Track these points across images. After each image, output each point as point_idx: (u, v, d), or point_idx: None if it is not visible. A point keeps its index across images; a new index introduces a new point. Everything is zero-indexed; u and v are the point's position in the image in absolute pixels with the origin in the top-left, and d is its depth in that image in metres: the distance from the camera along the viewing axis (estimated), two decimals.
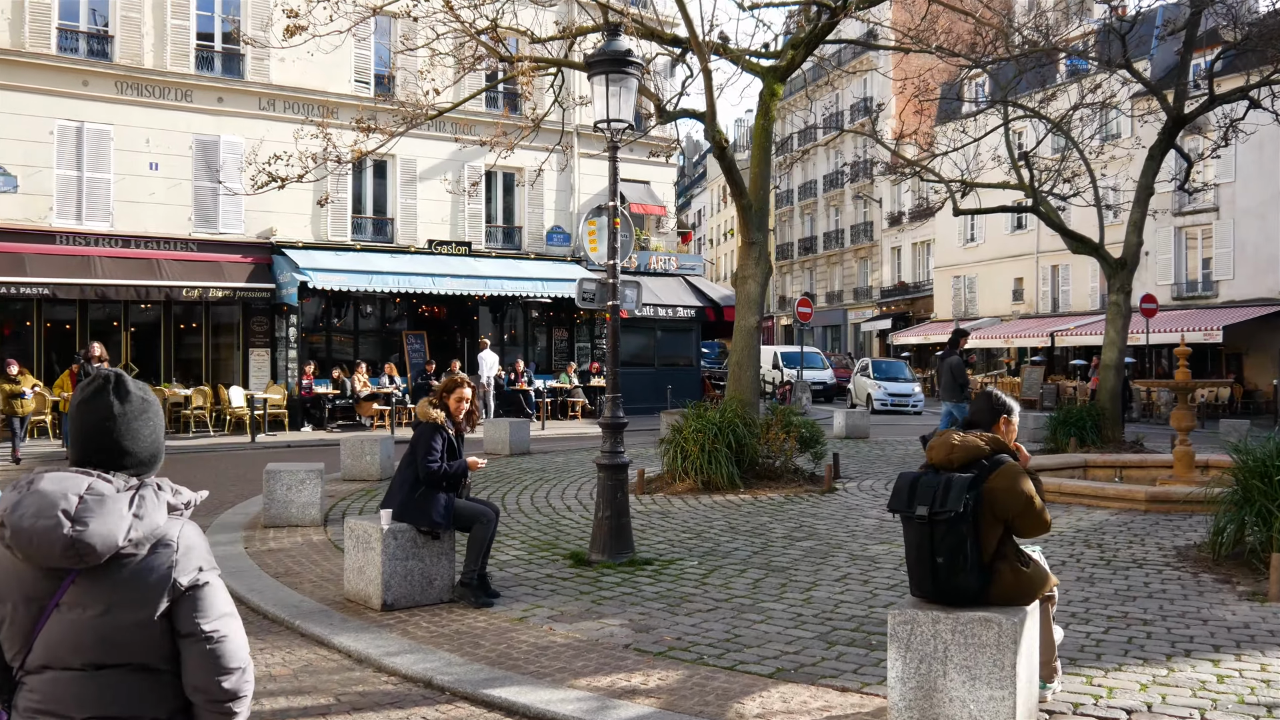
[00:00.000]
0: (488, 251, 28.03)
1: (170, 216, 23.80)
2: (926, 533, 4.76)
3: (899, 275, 55.55)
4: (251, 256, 24.63)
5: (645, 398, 27.73)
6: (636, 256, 30.24)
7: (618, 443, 8.84)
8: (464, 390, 7.56)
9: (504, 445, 17.89)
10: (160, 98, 23.87)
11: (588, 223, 8.98)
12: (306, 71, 25.18)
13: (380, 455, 14.45)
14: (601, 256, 8.94)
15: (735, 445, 13.07)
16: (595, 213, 8.99)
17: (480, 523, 7.41)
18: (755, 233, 14.19)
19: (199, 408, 22.93)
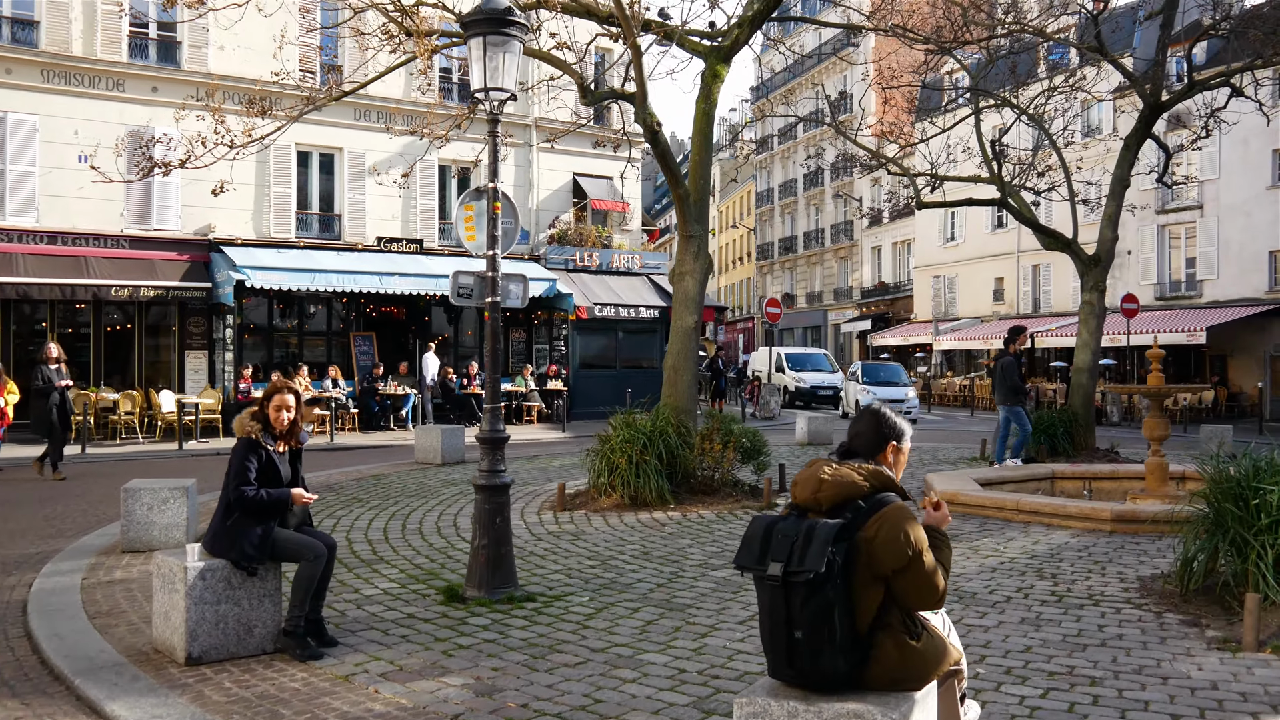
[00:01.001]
0: (440, 249, 26.84)
1: (101, 212, 22.57)
2: (781, 598, 3.62)
3: (879, 275, 54.51)
4: (188, 254, 23.42)
5: (606, 401, 26.52)
6: (598, 255, 29.11)
7: (497, 460, 7.68)
8: (283, 397, 6.38)
9: (435, 454, 16.71)
10: (90, 87, 22.66)
11: (463, 207, 7.82)
12: (248, 60, 23.95)
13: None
14: (480, 246, 7.79)
15: (667, 457, 11.93)
16: (472, 195, 7.85)
17: (307, 559, 6.25)
18: (694, 225, 13.05)
19: (128, 413, 21.70)
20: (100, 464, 17.91)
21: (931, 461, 17.03)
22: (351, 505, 11.97)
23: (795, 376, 35.65)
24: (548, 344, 28.74)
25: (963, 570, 8.32)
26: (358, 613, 7.16)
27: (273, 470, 6.27)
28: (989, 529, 10.19)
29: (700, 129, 13.33)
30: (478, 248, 7.87)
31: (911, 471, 15.21)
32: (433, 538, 10.04)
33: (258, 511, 6.17)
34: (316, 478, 14.85)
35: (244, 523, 6.18)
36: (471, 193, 7.98)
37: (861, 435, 4.03)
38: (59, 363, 15.98)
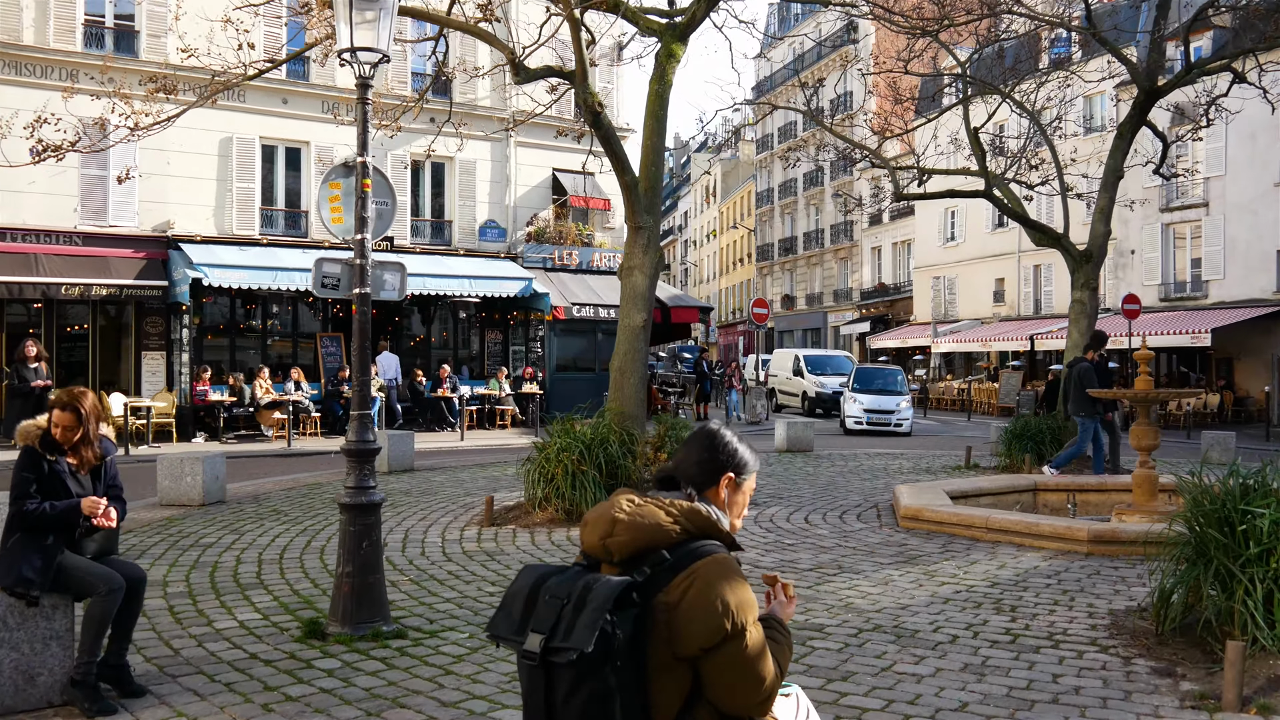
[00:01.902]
0: (412, 247, 25.85)
1: (53, 208, 21.64)
2: (541, 683, 2.59)
3: (879, 276, 53.42)
4: (145, 251, 22.48)
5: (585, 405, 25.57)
6: (578, 253, 28.10)
7: (364, 475, 6.66)
8: (62, 414, 5.34)
9: (381, 462, 15.70)
10: (42, 77, 21.73)
11: (328, 185, 6.79)
12: (208, 50, 22.98)
13: (205, 476, 12.22)
14: (347, 230, 6.78)
15: (609, 467, 10.92)
16: (339, 172, 6.83)
17: (99, 594, 5.24)
18: (643, 215, 12.04)
19: None
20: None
21: (912, 470, 15.98)
22: (265, 519, 10.97)
23: (816, 381, 32.73)
24: (524, 345, 27.73)
25: (910, 601, 7.28)
26: (195, 651, 6.16)
27: (57, 484, 5.26)
28: (952, 550, 9.14)
29: (652, 112, 12.31)
30: (344, 231, 6.87)
31: (885, 481, 14.20)
32: (331, 558, 9.01)
33: (41, 528, 5.18)
34: (246, 487, 13.89)
35: (25, 543, 5.18)
36: (338, 169, 6.97)
37: (689, 461, 2.99)
38: (39, 361, 15.16)
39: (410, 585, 7.91)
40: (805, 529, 10.35)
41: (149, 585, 7.76)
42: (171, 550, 9.20)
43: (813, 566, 8.50)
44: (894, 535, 9.91)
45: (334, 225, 6.93)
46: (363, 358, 6.65)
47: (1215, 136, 31.59)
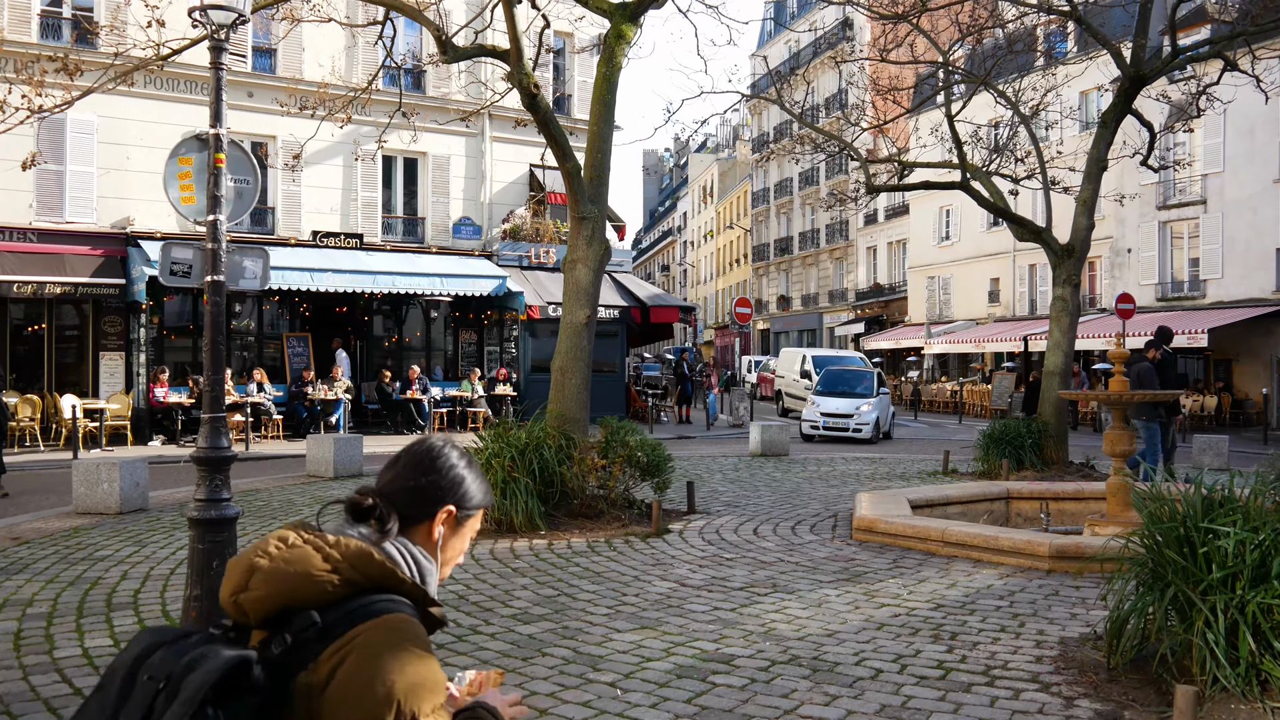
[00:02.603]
0: (383, 245, 25.12)
1: (7, 203, 20.91)
2: None
3: (874, 276, 52.63)
4: (102, 248, 21.76)
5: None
6: (555, 251, 27.34)
7: (216, 486, 5.93)
8: None
9: (327, 466, 14.98)
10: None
11: (177, 161, 6.05)
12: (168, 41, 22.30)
13: (123, 482, 11.48)
14: (199, 211, 6.03)
15: (545, 474, 10.18)
16: (192, 146, 6.08)
17: None
18: (586, 205, 11.30)
19: (29, 419, 20.03)
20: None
21: (887, 476, 15.22)
22: (178, 530, 10.20)
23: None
24: (499, 346, 26.99)
25: (840, 627, 6.52)
26: (14, 685, 5.42)
27: None
28: (902, 566, 8.38)
29: (600, 96, 11.57)
30: (195, 213, 6.13)
31: (854, 488, 13.45)
32: None
33: None
34: (177, 494, 13.16)
35: None
36: (190, 142, 6.22)
37: (397, 485, 2.20)
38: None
39: None
40: (751, 541, 9.59)
41: (7, 606, 7.07)
42: (58, 564, 8.47)
43: (745, 584, 7.74)
44: (844, 549, 9.15)
45: (184, 206, 6.19)
46: (215, 355, 5.91)
47: (1213, 132, 30.79)
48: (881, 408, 25.00)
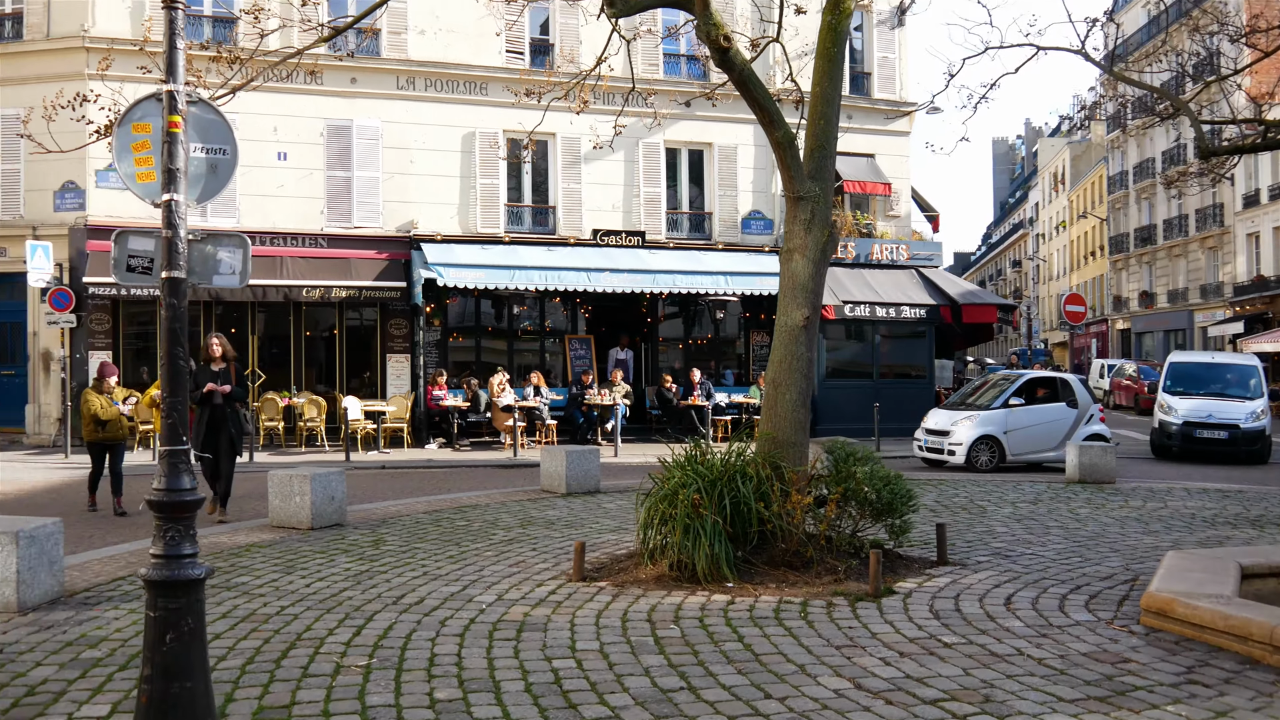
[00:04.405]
0: (666, 242, 23.91)
1: (300, 210, 21.63)
2: None
3: (1257, 268, 45.47)
4: (387, 253, 22.02)
5: (858, 416, 22.59)
6: (855, 245, 24.99)
7: (175, 539, 4.52)
8: None
9: (559, 481, 13.75)
10: (288, 82, 21.68)
11: (132, 128, 4.69)
12: (450, 44, 22.34)
13: (314, 495, 10.73)
14: (154, 191, 4.66)
15: (738, 511, 8.26)
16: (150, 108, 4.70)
17: None
18: (805, 182, 9.22)
19: (311, 420, 20.49)
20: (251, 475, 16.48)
21: (1237, 520, 11.89)
22: (335, 555, 9.21)
23: (1173, 402, 21.24)
24: None
25: None
26: None
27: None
28: (1200, 682, 5.71)
29: (825, 50, 9.43)
30: (153, 192, 4.76)
31: (1178, 535, 10.43)
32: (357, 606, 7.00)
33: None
34: (388, 507, 12.37)
35: None
36: (146, 103, 4.84)
37: None
38: (226, 361, 12.10)
39: (356, 673, 5.76)
40: (993, 617, 7.17)
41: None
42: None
43: (942, 695, 5.46)
44: (1118, 642, 6.54)
45: (140, 184, 4.86)
46: (174, 370, 4.53)
47: None
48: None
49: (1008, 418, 18.36)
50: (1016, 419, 18.38)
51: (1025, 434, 18.37)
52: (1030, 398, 18.87)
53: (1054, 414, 18.60)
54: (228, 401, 11.76)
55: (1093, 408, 18.72)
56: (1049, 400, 18.86)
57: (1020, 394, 18.80)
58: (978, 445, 18.05)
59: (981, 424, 18.25)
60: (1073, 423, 18.47)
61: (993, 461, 18.14)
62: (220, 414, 11.74)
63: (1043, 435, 18.37)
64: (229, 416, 11.78)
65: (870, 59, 25.79)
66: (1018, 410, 18.45)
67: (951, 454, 18.18)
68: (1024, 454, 18.31)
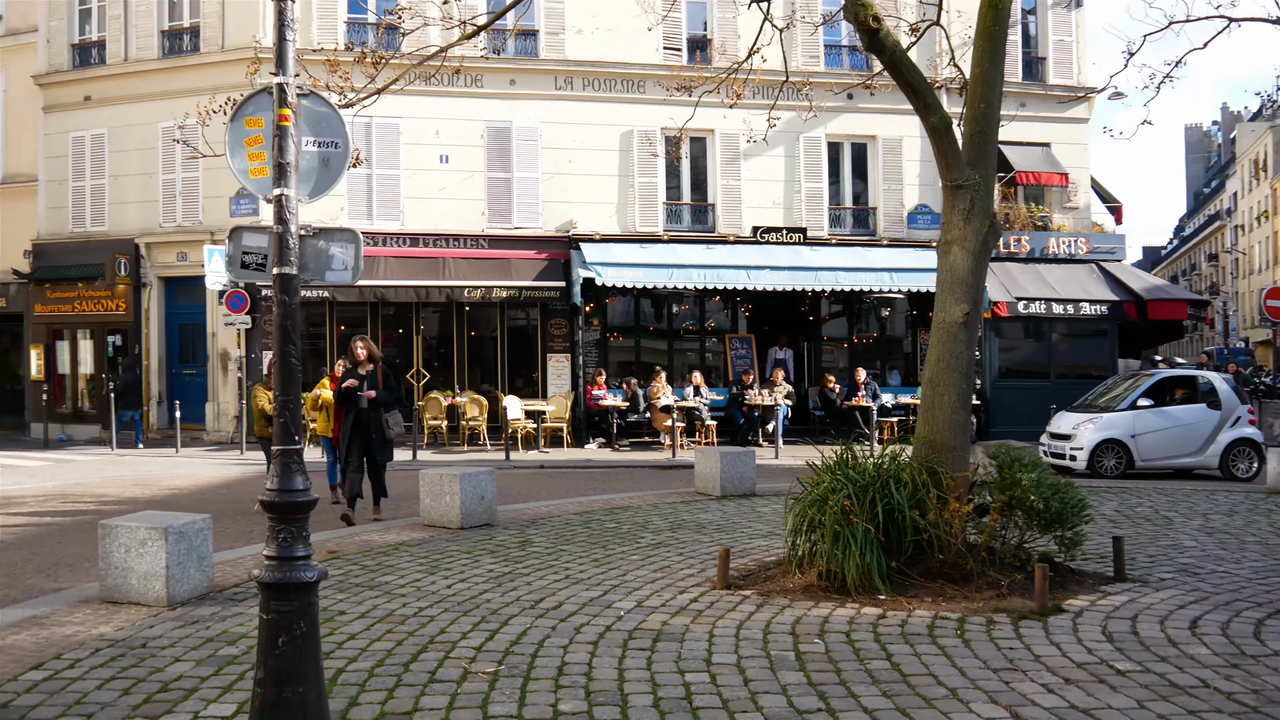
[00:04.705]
0: (828, 239, 23.28)
1: (462, 212, 22.02)
2: None
3: None
4: (547, 253, 22.17)
5: (1034, 418, 21.45)
6: (1029, 239, 23.79)
7: (289, 541, 4.44)
8: None
9: (713, 483, 13.45)
10: (449, 85, 22.10)
11: (244, 123, 4.56)
12: (607, 43, 22.33)
13: (463, 495, 10.75)
14: (266, 186, 4.54)
15: (891, 518, 7.80)
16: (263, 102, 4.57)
17: None
18: (963, 170, 8.62)
19: (473, 419, 20.81)
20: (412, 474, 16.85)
21: None
22: (481, 555, 9.17)
23: None
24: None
25: None
26: None
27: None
28: None
29: (985, 29, 8.81)
30: (263, 188, 4.65)
31: None
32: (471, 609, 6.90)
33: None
34: (539, 507, 12.34)
35: None
36: (260, 98, 4.71)
37: None
38: (373, 362, 11.76)
39: (483, 680, 5.61)
40: (1177, 641, 6.47)
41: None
42: (327, 590, 7.66)
43: None
44: None
45: (253, 180, 4.79)
46: (286, 368, 4.45)
47: None
48: None
49: (1135, 420, 16.90)
50: (1146, 422, 16.89)
51: (1156, 438, 16.87)
52: (1163, 399, 17.41)
53: (1191, 416, 17.03)
54: (373, 405, 11.56)
55: (1239, 409, 17.14)
56: (1187, 401, 17.37)
57: (1151, 394, 17.28)
58: (1101, 450, 16.77)
59: (1105, 427, 16.90)
60: (1215, 426, 16.91)
61: (1119, 468, 16.73)
62: (365, 417, 11.56)
63: (1178, 439, 16.89)
64: (373, 419, 11.59)
65: (1045, 43, 24.51)
66: (1147, 413, 16.95)
67: (1073, 459, 16.90)
68: (1156, 459, 16.89)
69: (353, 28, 21.45)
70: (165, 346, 22.33)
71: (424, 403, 21.14)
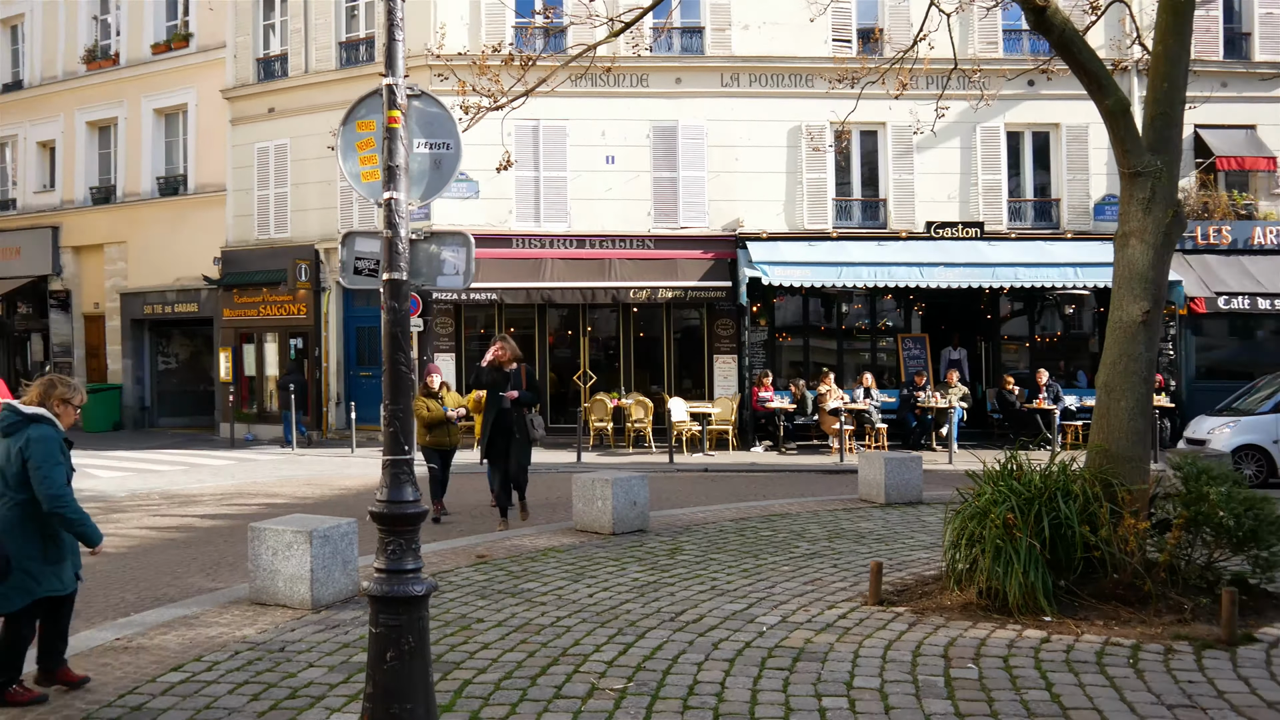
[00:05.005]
0: (1007, 233, 22.20)
1: (628, 212, 22.02)
2: None
3: None
4: (713, 252, 21.94)
5: None
6: (1230, 229, 22.07)
7: (399, 554, 4.36)
8: None
9: (877, 490, 12.94)
10: (615, 86, 22.17)
11: (356, 126, 4.44)
12: (774, 37, 21.95)
13: (615, 500, 10.65)
14: (376, 191, 4.43)
15: (1058, 533, 7.25)
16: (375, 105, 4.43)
17: None
18: (1142, 155, 7.92)
19: (638, 421, 20.77)
20: (563, 477, 16.94)
21: None
22: (629, 563, 9.04)
23: None
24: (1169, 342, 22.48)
25: None
26: None
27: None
28: None
29: (1168, 3, 8.10)
30: (374, 192, 4.55)
31: None
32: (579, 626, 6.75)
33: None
34: (695, 513, 12.14)
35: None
36: (372, 100, 4.60)
37: None
38: (517, 362, 11.13)
39: (609, 697, 5.45)
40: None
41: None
42: (466, 597, 7.68)
43: None
44: None
45: (365, 184, 4.72)
46: (396, 376, 4.37)
47: None
48: None
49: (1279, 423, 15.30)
50: None
51: None
52: None
53: None
54: (516, 406, 11.07)
55: None
56: None
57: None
58: (1238, 456, 15.21)
59: (1242, 431, 15.40)
60: None
61: (1260, 476, 15.12)
62: (507, 419, 11.06)
63: None
64: (516, 421, 11.12)
65: (1249, 16, 22.68)
66: None
67: None
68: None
69: (519, 33, 21.75)
70: (344, 349, 23.19)
71: (589, 405, 21.25)
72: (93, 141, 27.14)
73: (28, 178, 28.08)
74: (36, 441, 5.29)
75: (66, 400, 5.60)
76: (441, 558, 9.25)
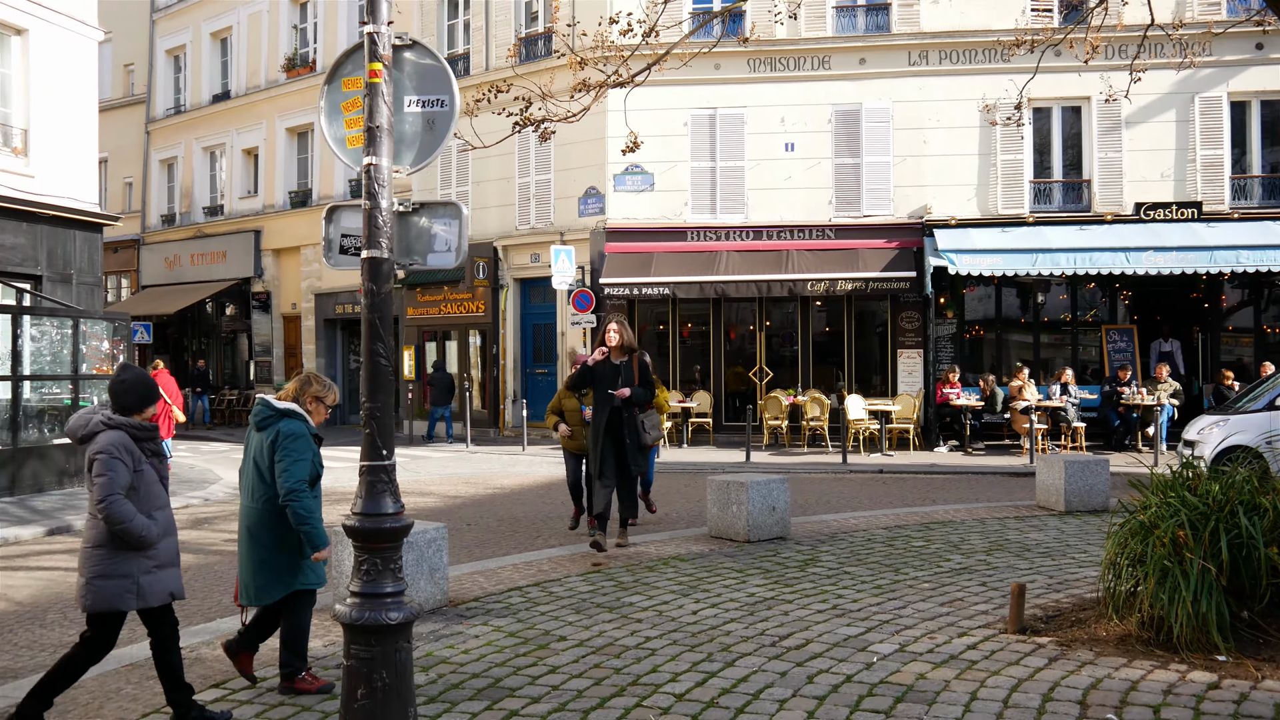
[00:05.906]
0: (1229, 213, 19.97)
1: (807, 202, 21.10)
2: None
3: None
4: (898, 241, 20.74)
5: None
6: None
7: (376, 576, 3.82)
8: None
9: (1056, 496, 11.66)
10: (795, 70, 21.26)
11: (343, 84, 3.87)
12: (965, 11, 20.55)
13: (750, 505, 9.90)
14: (357, 157, 3.87)
15: (1238, 555, 6.10)
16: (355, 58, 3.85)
17: None
18: None
19: (815, 419, 19.81)
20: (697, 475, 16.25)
21: None
22: (751, 575, 8.32)
23: None
24: None
25: None
26: None
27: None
28: None
29: None
30: (357, 159, 3.98)
31: None
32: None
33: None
34: (846, 519, 11.25)
35: None
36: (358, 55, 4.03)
37: None
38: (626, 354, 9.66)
39: None
40: None
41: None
42: (557, 611, 7.17)
43: None
44: None
45: (349, 150, 4.17)
46: (374, 369, 3.84)
47: None
48: None
49: (1272, 422, 13.26)
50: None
51: None
52: None
53: None
54: (627, 405, 9.33)
55: None
56: None
57: None
58: (1224, 459, 12.76)
59: (1229, 431, 13.45)
60: None
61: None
62: (617, 419, 9.31)
63: None
64: (626, 422, 9.35)
65: None
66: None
67: None
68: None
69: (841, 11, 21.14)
70: (520, 346, 23.24)
71: (764, 402, 20.48)
72: (292, 147, 28.38)
73: (234, 184, 29.67)
74: (285, 436, 5.40)
75: (319, 398, 5.73)
76: (555, 564, 8.79)
